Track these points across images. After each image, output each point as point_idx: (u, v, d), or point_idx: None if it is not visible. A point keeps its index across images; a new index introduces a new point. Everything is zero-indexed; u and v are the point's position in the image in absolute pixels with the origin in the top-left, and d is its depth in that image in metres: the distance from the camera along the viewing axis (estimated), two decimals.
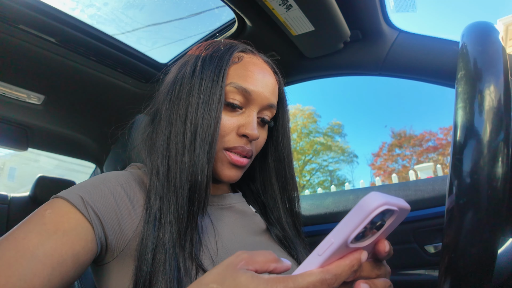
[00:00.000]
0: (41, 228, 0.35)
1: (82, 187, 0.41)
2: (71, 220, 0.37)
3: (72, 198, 0.38)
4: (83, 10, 0.87)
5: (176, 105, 0.46)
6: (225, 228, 0.47)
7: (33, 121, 1.15)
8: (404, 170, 14.12)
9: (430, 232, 0.81)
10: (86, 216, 0.38)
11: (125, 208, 0.41)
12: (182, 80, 0.48)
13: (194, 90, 0.45)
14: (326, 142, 15.89)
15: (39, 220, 0.36)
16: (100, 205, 0.39)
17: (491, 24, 0.43)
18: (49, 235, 0.35)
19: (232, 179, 0.49)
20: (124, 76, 1.00)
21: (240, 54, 0.51)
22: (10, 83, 0.93)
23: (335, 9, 0.69)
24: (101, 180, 0.43)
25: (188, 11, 1.05)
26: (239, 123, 0.47)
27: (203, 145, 0.42)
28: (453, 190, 0.35)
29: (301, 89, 31.23)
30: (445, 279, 0.37)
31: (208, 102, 0.44)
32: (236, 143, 0.47)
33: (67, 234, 0.36)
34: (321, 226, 0.93)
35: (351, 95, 30.32)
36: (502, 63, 0.37)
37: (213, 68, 0.46)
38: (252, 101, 0.48)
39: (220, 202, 0.52)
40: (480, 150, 0.34)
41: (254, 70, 0.49)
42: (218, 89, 0.45)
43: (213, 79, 0.45)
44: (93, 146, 1.33)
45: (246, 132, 0.46)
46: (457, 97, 0.38)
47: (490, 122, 0.34)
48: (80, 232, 0.37)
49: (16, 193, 1.38)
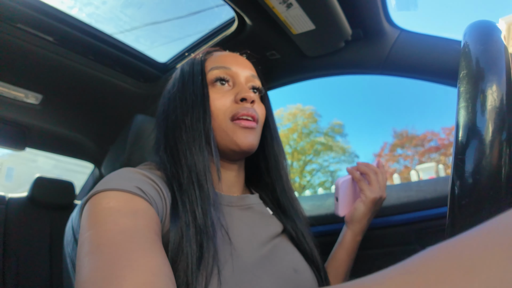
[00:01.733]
0: (121, 215, 0.34)
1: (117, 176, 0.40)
2: (137, 202, 0.37)
3: (126, 187, 0.38)
4: (81, 8, 0.86)
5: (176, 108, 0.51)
6: (245, 228, 0.48)
7: (31, 120, 1.15)
8: (406, 170, 14.11)
9: (432, 233, 0.81)
10: (145, 199, 0.38)
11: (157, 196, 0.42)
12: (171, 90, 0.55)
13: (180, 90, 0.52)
14: (327, 142, 15.87)
15: (108, 211, 0.34)
16: (146, 188, 0.40)
17: (493, 23, 0.43)
18: (133, 215, 0.34)
19: (250, 143, 0.50)
20: (122, 76, 0.99)
21: (209, 53, 0.58)
22: (7, 83, 0.93)
23: (336, 8, 0.69)
24: (131, 171, 0.43)
25: (188, 9, 1.05)
26: (234, 94, 0.51)
27: (200, 129, 0.47)
28: (455, 191, 0.35)
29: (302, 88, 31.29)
30: None
31: (194, 91, 0.50)
32: (238, 109, 0.50)
33: (145, 211, 0.36)
34: (322, 227, 0.92)
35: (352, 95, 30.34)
36: (505, 62, 0.37)
37: (191, 65, 0.54)
38: (235, 75, 0.53)
39: (240, 203, 0.52)
40: (483, 150, 0.33)
41: (225, 54, 0.57)
42: (199, 76, 0.51)
43: (193, 72, 0.52)
44: (91, 146, 1.33)
45: (242, 95, 0.50)
46: (459, 96, 0.38)
47: (492, 122, 0.34)
48: (150, 210, 0.37)
49: (14, 194, 1.37)
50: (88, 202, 0.38)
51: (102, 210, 0.35)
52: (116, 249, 0.29)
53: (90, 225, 0.34)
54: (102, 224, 0.33)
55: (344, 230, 0.64)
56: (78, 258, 0.31)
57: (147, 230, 0.33)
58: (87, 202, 0.38)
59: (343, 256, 0.62)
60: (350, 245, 0.62)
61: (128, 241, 0.31)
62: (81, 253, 0.31)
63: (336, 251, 0.64)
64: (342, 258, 0.62)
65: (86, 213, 0.36)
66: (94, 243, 0.31)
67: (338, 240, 0.65)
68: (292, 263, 0.49)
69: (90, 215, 0.35)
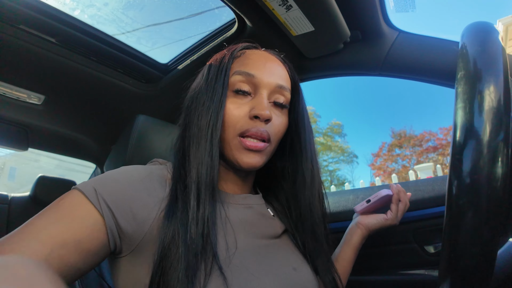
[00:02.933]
0: (51, 214, 0.38)
1: (99, 179, 0.42)
2: (81, 209, 0.38)
3: (86, 190, 0.40)
4: (83, 10, 0.87)
5: (193, 109, 0.50)
6: (244, 227, 0.48)
7: (33, 121, 1.15)
8: (404, 170, 14.11)
9: (430, 232, 0.81)
10: (97, 207, 0.39)
11: (141, 202, 0.42)
12: (195, 88, 0.52)
13: (201, 91, 0.49)
14: (326, 142, 15.87)
15: (52, 208, 0.39)
16: (113, 198, 0.40)
17: (491, 24, 0.43)
18: (56, 220, 0.37)
19: (251, 164, 0.48)
20: (124, 76, 1.00)
21: (242, 50, 0.53)
22: (10, 83, 0.93)
23: (335, 10, 0.70)
24: (120, 173, 0.44)
25: (188, 11, 1.05)
26: (250, 107, 0.48)
27: (208, 134, 0.45)
28: (453, 190, 0.35)
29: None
30: (445, 279, 0.37)
31: (212, 97, 0.47)
32: (248, 126, 0.47)
33: (73, 221, 0.37)
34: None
35: (351, 95, 30.30)
36: (502, 63, 0.37)
37: (217, 68, 0.50)
38: (258, 85, 0.49)
39: (241, 202, 0.52)
40: (480, 150, 0.34)
41: (255, 58, 0.51)
42: (221, 81, 0.48)
43: (217, 76, 0.49)
44: (93, 146, 1.33)
45: (256, 113, 0.47)
46: (457, 97, 0.38)
47: (489, 122, 0.34)
48: (87, 221, 0.38)
49: (17, 193, 1.38)
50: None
51: (52, 204, 0.39)
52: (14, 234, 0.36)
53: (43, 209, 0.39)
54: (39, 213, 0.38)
55: (353, 231, 0.68)
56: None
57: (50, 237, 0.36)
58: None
59: (352, 255, 0.66)
60: (358, 245, 0.67)
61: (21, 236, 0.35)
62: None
63: (344, 251, 0.66)
64: (350, 257, 0.66)
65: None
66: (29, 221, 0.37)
67: (344, 240, 0.68)
68: (291, 262, 0.49)
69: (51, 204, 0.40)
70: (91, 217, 0.38)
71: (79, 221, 0.37)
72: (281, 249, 0.50)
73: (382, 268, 0.88)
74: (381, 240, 0.86)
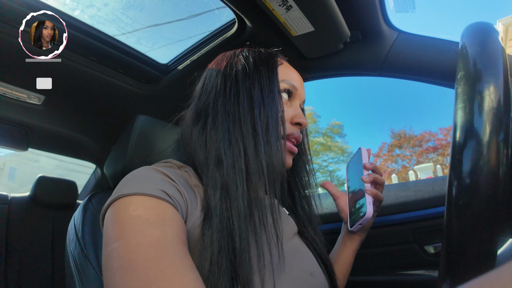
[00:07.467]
0: (149, 225, 0.33)
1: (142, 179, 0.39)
2: (164, 208, 0.36)
3: (151, 192, 0.37)
4: (83, 10, 0.86)
5: (235, 99, 0.48)
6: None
7: (33, 121, 1.15)
8: (403, 170, 14.11)
9: (430, 233, 0.81)
10: (172, 203, 0.37)
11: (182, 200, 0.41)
12: (236, 78, 0.50)
13: (254, 86, 0.49)
14: (326, 143, 15.85)
15: (136, 221, 0.34)
16: (172, 192, 0.39)
17: (490, 24, 0.43)
18: (161, 224, 0.34)
19: (290, 166, 0.54)
20: (124, 77, 1.00)
21: (279, 59, 0.57)
22: (10, 83, 0.93)
23: (335, 10, 0.70)
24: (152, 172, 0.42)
25: (188, 11, 1.05)
26: (291, 114, 0.53)
27: (275, 133, 0.46)
28: (452, 191, 0.35)
29: None
30: (445, 279, 0.37)
31: (270, 96, 0.49)
32: (292, 130, 0.53)
33: (172, 219, 0.35)
34: (321, 227, 0.93)
35: (351, 95, 30.32)
36: (502, 63, 0.37)
37: (265, 67, 0.52)
38: (295, 96, 0.55)
39: (267, 202, 0.50)
40: (480, 151, 0.34)
41: (293, 72, 0.57)
42: (276, 85, 0.51)
43: (269, 77, 0.51)
44: (93, 147, 1.33)
45: (300, 121, 0.53)
46: (457, 97, 0.38)
47: (489, 122, 0.34)
48: (177, 216, 0.37)
49: (16, 193, 1.38)
50: (111, 207, 0.36)
51: (129, 219, 0.33)
52: (149, 266, 0.30)
53: (117, 235, 0.33)
54: (130, 235, 0.32)
55: (352, 236, 0.66)
56: (107, 270, 0.31)
57: (175, 241, 0.33)
58: (110, 207, 0.36)
59: (350, 256, 0.65)
60: (356, 245, 0.65)
61: (160, 256, 0.31)
62: (111, 267, 0.31)
63: (342, 252, 0.65)
64: (349, 258, 0.65)
65: (111, 220, 0.35)
66: (125, 258, 0.31)
67: (343, 243, 0.66)
68: (308, 267, 0.49)
69: (116, 223, 0.34)
70: (174, 212, 0.37)
71: (175, 218, 0.36)
72: (299, 252, 0.51)
73: (382, 268, 0.88)
74: (381, 240, 0.86)
